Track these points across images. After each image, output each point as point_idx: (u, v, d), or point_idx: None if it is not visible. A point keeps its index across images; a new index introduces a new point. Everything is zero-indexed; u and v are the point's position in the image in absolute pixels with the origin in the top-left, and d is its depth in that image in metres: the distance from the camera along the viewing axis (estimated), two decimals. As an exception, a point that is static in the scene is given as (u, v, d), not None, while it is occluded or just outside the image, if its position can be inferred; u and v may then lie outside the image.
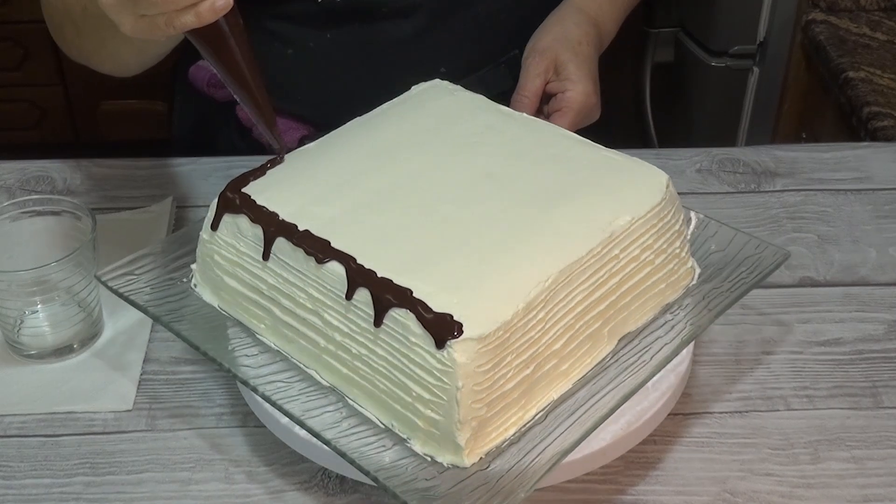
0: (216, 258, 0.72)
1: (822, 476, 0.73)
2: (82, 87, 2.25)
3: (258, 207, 0.69)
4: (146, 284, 0.74)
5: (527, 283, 0.63)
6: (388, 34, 0.97)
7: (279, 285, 0.68)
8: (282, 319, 0.69)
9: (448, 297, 0.62)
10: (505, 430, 0.64)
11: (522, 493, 0.59)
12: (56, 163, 1.02)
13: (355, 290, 0.64)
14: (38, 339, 0.80)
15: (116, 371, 0.80)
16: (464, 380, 0.60)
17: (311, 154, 0.76)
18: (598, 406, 0.65)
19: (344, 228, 0.67)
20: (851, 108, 1.41)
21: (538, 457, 0.62)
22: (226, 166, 1.01)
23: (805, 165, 1.02)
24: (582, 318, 0.67)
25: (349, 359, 0.66)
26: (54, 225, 0.81)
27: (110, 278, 0.74)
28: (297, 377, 0.69)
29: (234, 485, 0.72)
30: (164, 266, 0.76)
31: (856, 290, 0.88)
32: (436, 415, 0.62)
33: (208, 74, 1.05)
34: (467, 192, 0.71)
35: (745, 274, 0.75)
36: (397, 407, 0.64)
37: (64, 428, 0.76)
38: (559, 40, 0.96)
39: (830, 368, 0.81)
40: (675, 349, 0.69)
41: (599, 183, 0.72)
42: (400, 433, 0.65)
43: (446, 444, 0.63)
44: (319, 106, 1.01)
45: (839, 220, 0.96)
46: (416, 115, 0.79)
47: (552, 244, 0.66)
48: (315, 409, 0.66)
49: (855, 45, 1.51)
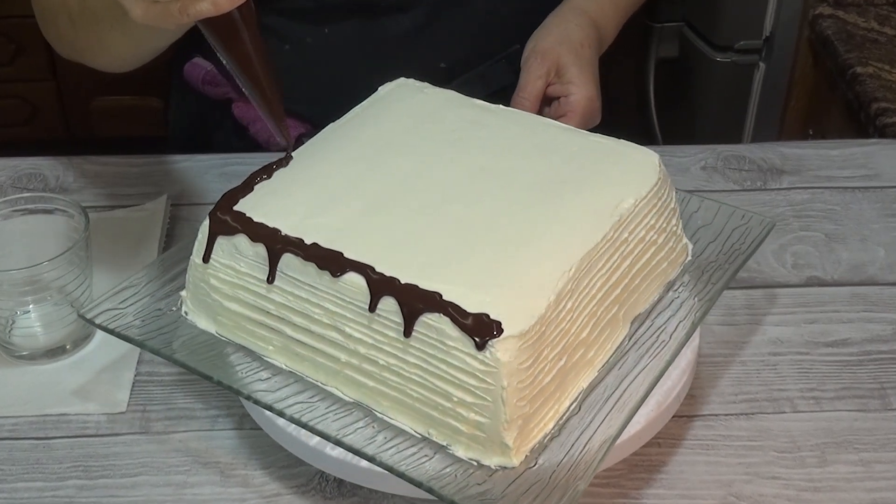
0: (213, 282, 0.70)
1: (830, 479, 0.73)
2: (75, 83, 2.25)
3: (257, 225, 0.68)
4: (135, 318, 0.72)
5: (552, 275, 0.64)
6: (387, 29, 0.97)
7: (289, 303, 0.67)
8: (294, 338, 0.68)
9: (479, 296, 0.62)
10: (545, 424, 0.65)
11: (582, 484, 0.60)
12: (48, 160, 1.02)
13: (379, 300, 0.63)
14: (29, 340, 0.80)
15: (110, 372, 0.80)
16: (508, 379, 0.60)
17: (295, 165, 0.74)
18: (631, 390, 0.66)
19: (353, 237, 0.66)
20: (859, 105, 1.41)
21: (586, 447, 0.62)
22: (222, 163, 1.01)
23: (812, 163, 1.02)
24: (602, 304, 0.68)
25: (376, 371, 0.65)
26: (46, 223, 0.81)
27: (96, 315, 0.72)
28: (317, 396, 0.67)
29: (230, 488, 0.72)
30: (150, 295, 0.74)
31: (864, 290, 0.88)
32: (481, 417, 0.62)
33: (203, 72, 1.05)
34: (466, 189, 0.71)
35: (737, 245, 0.77)
36: (435, 414, 0.64)
37: (56, 430, 0.76)
38: (561, 42, 0.96)
39: (838, 370, 0.81)
40: (693, 325, 0.71)
41: (595, 168, 0.73)
42: (438, 441, 0.64)
43: (492, 446, 0.62)
44: (317, 103, 1.01)
45: (847, 219, 0.96)
46: (394, 115, 0.79)
47: (566, 234, 0.67)
48: (347, 426, 0.65)
49: (863, 40, 1.51)
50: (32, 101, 2.30)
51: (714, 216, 0.80)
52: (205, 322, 0.73)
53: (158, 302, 0.74)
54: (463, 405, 0.62)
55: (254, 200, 0.70)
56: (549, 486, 0.61)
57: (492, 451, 0.63)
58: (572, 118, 0.93)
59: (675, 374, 0.71)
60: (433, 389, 0.63)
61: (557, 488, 0.60)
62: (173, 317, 0.73)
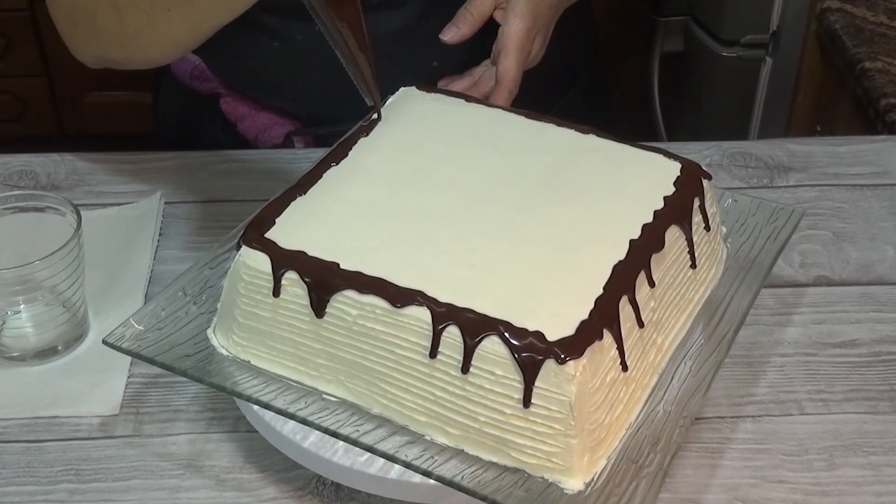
0: (259, 312, 0.68)
1: (838, 483, 0.73)
2: (67, 79, 2.25)
3: (313, 261, 0.66)
4: (164, 347, 0.70)
5: (597, 286, 0.65)
6: (379, 26, 0.96)
7: (342, 337, 0.66)
8: (347, 371, 0.67)
9: (530, 314, 0.62)
10: (609, 440, 0.65)
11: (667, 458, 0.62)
12: (39, 157, 1.02)
13: (443, 331, 0.63)
14: (20, 341, 0.80)
15: (102, 374, 0.80)
16: (579, 396, 0.61)
17: (321, 187, 0.72)
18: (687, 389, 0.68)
19: (401, 264, 0.66)
20: (868, 100, 1.41)
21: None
22: (216, 160, 1.01)
23: (820, 160, 1.02)
24: (647, 307, 0.69)
25: (444, 398, 0.64)
26: (38, 222, 0.81)
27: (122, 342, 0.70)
28: (373, 423, 0.67)
29: (225, 493, 0.72)
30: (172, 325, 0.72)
31: (873, 290, 0.88)
32: (554, 434, 0.62)
33: (191, 67, 1.05)
34: (501, 204, 0.71)
35: (766, 237, 0.80)
36: (503, 436, 0.63)
37: (48, 433, 0.76)
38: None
39: (846, 371, 0.81)
40: (744, 313, 0.73)
41: (617, 176, 0.74)
42: (501, 462, 0.64)
43: (565, 462, 0.63)
44: (307, 101, 1.01)
45: (855, 217, 0.96)
46: (409, 128, 0.78)
47: (603, 244, 0.68)
48: (403, 444, 0.65)
49: (872, 35, 1.51)
50: (23, 97, 2.30)
51: (740, 209, 0.83)
52: (243, 352, 0.70)
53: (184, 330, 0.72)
54: (536, 424, 0.62)
55: (289, 229, 0.69)
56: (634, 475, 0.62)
57: (562, 469, 0.63)
58: (511, 52, 0.90)
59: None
60: (500, 413, 0.63)
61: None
62: (203, 345, 0.71)
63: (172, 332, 0.71)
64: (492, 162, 0.75)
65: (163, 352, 0.69)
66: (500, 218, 0.70)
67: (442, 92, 0.83)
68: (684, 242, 0.72)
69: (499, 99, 0.88)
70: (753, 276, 0.77)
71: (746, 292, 0.75)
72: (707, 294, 0.76)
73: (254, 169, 1.00)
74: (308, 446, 0.67)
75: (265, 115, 1.04)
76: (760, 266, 0.77)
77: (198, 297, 0.74)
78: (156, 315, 0.72)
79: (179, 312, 0.72)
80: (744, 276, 0.77)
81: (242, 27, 0.96)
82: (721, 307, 0.75)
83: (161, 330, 0.71)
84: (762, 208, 0.82)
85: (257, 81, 1.03)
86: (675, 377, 0.69)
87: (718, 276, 0.77)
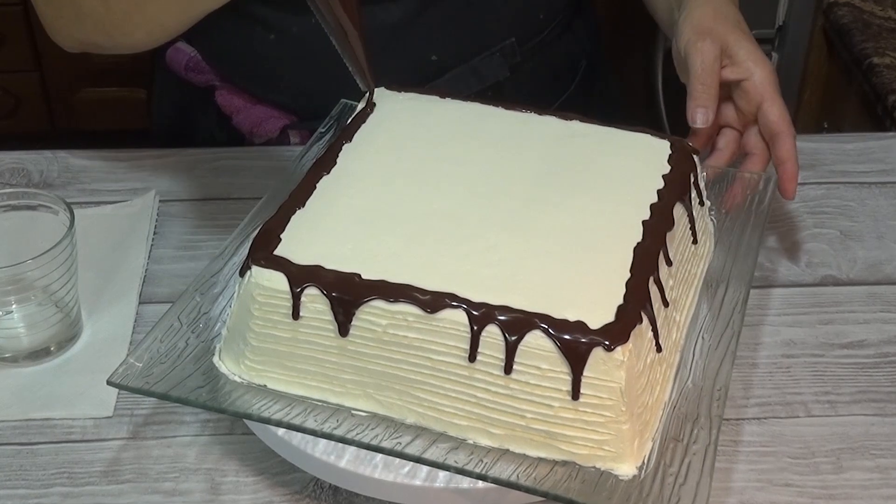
0: (275, 333, 0.67)
1: (845, 486, 0.73)
2: (60, 74, 2.25)
3: (333, 274, 0.65)
4: (174, 380, 0.68)
5: (623, 269, 0.66)
6: (376, 19, 0.96)
7: (370, 349, 0.65)
8: (376, 383, 0.66)
9: (566, 305, 0.63)
10: (652, 424, 0.66)
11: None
12: (32, 154, 1.02)
13: (482, 331, 0.62)
14: (12, 342, 0.80)
15: (96, 375, 0.80)
16: (628, 381, 0.62)
17: (319, 197, 0.72)
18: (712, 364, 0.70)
19: (424, 267, 0.65)
20: (876, 96, 1.41)
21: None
22: (211, 157, 1.01)
23: (827, 157, 1.02)
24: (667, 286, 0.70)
25: (486, 400, 0.64)
26: (30, 220, 0.81)
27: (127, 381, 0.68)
28: (410, 435, 0.66)
29: (221, 496, 0.72)
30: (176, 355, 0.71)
31: (880, 290, 0.88)
32: (605, 422, 0.63)
33: (186, 58, 1.05)
34: (506, 198, 0.72)
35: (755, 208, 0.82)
36: (552, 430, 0.64)
37: (40, 435, 0.76)
38: (718, 19, 0.88)
39: (853, 372, 0.81)
40: (748, 281, 0.76)
41: (613, 159, 0.76)
42: (549, 457, 0.65)
43: (617, 449, 0.63)
44: (303, 94, 1.01)
45: (863, 215, 0.96)
46: (392, 126, 0.78)
47: (618, 228, 0.70)
48: (452, 450, 0.65)
49: (880, 30, 1.51)
50: (15, 92, 2.30)
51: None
52: (257, 376, 0.69)
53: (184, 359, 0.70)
54: (585, 414, 0.63)
55: (301, 244, 0.68)
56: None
57: (616, 455, 0.64)
58: (772, 101, 0.85)
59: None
60: (548, 407, 0.63)
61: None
62: (211, 374, 0.70)
63: (177, 364, 0.69)
64: (485, 156, 0.75)
65: (174, 385, 0.67)
66: (510, 212, 0.70)
67: (413, 90, 0.82)
68: (687, 219, 0.74)
69: (789, 149, 0.85)
70: (747, 245, 0.78)
71: (744, 261, 0.77)
72: (706, 268, 0.77)
73: (249, 166, 1.00)
74: (305, 449, 0.67)
75: (260, 108, 1.04)
76: (747, 234, 0.79)
77: (194, 324, 0.72)
78: (155, 348, 0.70)
79: (179, 342, 0.71)
80: (737, 248, 0.78)
81: (238, 19, 0.96)
82: (722, 278, 0.76)
83: (164, 363, 0.69)
84: (736, 179, 0.85)
85: (253, 74, 1.03)
86: (695, 352, 0.71)
87: (712, 250, 0.79)
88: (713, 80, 0.84)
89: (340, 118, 0.88)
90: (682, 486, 0.62)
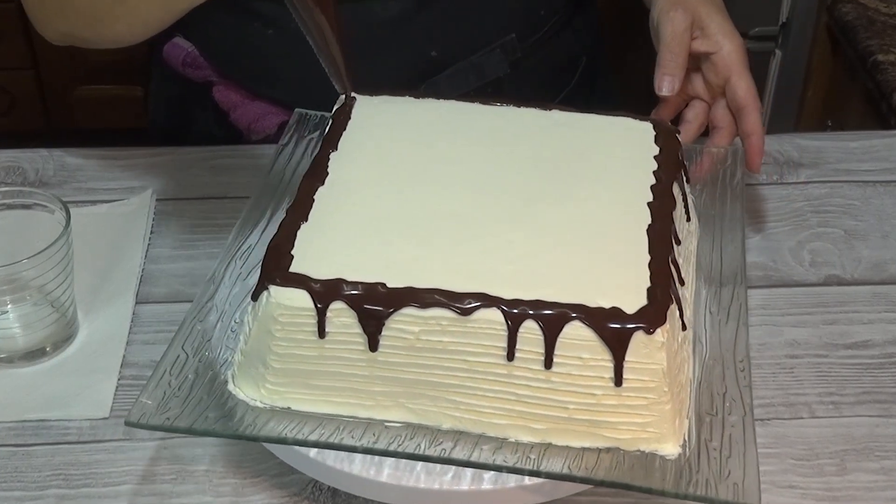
0: (299, 353, 0.66)
1: (850, 488, 0.73)
2: (56, 72, 2.25)
3: (358, 286, 0.64)
4: (195, 413, 0.67)
5: (642, 252, 0.67)
6: (375, 14, 0.96)
7: (401, 358, 0.65)
8: (408, 392, 0.66)
9: (596, 292, 0.64)
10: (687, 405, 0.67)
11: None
12: (27, 152, 1.02)
13: (519, 328, 0.63)
14: (7, 342, 0.80)
15: (92, 376, 0.80)
16: (668, 361, 0.63)
17: (321, 206, 0.71)
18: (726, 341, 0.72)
19: (451, 270, 0.65)
20: (881, 94, 1.41)
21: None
22: (209, 156, 1.01)
23: (831, 155, 1.02)
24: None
25: (526, 396, 0.65)
26: (25, 219, 0.81)
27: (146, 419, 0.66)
28: (450, 440, 0.66)
29: (219, 498, 0.72)
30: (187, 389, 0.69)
31: (885, 289, 0.88)
32: (648, 404, 0.64)
33: (183, 53, 1.05)
34: (509, 192, 0.72)
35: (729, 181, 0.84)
36: (595, 418, 0.64)
37: (36, 437, 0.76)
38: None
39: (858, 373, 0.81)
40: (742, 251, 0.77)
41: (602, 145, 0.77)
42: (593, 445, 0.65)
43: (660, 430, 0.64)
44: (301, 91, 1.01)
45: (867, 214, 0.96)
46: (375, 130, 0.78)
47: (625, 212, 0.71)
48: (498, 449, 0.65)
49: (884, 27, 1.51)
50: (11, 90, 2.30)
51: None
52: (278, 398, 0.68)
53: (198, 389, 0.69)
54: (629, 399, 0.64)
55: (308, 258, 0.66)
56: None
57: (659, 436, 0.64)
58: (740, 76, 0.86)
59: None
60: (590, 397, 0.64)
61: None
62: (224, 400, 0.68)
63: (191, 396, 0.67)
64: (476, 153, 0.76)
65: (196, 418, 0.66)
66: (515, 207, 0.71)
67: (385, 92, 0.82)
68: (682, 197, 0.75)
69: (754, 123, 0.86)
70: (730, 218, 0.80)
71: (732, 232, 0.79)
72: (696, 244, 0.78)
73: (247, 165, 1.00)
74: (303, 451, 0.67)
75: (258, 104, 1.04)
76: (728, 208, 0.81)
77: (200, 353, 0.71)
78: (167, 382, 0.68)
79: (189, 374, 0.69)
80: (722, 221, 0.80)
81: (237, 14, 0.96)
82: (714, 252, 0.78)
83: (179, 396, 0.67)
84: (704, 154, 0.86)
85: (251, 69, 1.03)
86: (706, 327, 0.72)
87: (698, 226, 0.80)
88: (682, 49, 0.86)
89: (298, 128, 0.88)
90: (729, 459, 0.63)
